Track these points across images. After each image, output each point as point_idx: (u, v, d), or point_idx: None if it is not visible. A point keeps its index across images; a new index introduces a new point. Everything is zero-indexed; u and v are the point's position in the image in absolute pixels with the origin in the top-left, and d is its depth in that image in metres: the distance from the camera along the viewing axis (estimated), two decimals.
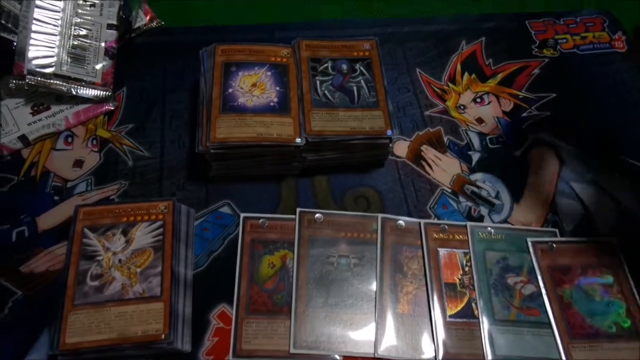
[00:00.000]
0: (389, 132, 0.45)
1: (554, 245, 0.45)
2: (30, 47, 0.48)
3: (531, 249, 0.45)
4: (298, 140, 0.44)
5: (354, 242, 0.44)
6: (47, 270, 0.43)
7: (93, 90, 0.50)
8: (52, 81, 0.48)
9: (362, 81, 0.48)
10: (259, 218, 0.45)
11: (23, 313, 0.41)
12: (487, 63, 0.57)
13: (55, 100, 0.50)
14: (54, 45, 0.49)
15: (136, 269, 0.39)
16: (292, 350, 0.40)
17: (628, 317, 0.42)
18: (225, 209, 0.46)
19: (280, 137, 0.44)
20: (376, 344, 0.40)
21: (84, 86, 0.50)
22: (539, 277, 0.44)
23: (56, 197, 0.46)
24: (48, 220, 0.45)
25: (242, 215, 0.45)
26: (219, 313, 0.41)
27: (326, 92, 0.47)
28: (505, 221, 0.47)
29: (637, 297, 0.43)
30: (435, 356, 0.40)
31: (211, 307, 0.42)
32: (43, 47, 0.49)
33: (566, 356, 0.40)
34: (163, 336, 0.37)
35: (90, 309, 0.38)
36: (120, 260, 0.40)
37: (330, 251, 0.44)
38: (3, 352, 0.39)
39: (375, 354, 0.40)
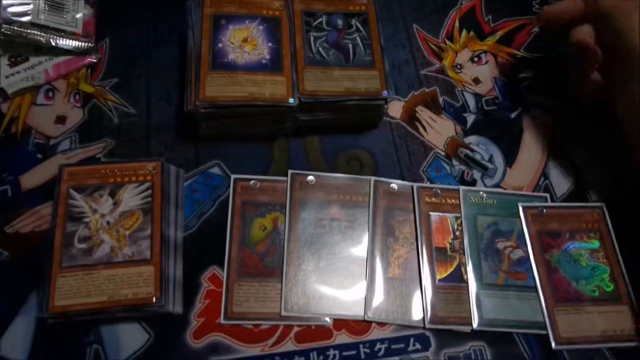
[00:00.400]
0: (384, 93, 0.44)
1: (545, 210, 0.45)
2: None
3: (522, 214, 0.45)
4: (291, 100, 0.43)
5: (346, 205, 0.44)
6: (32, 230, 0.42)
7: (74, 41, 0.47)
8: (29, 31, 0.46)
9: (357, 38, 0.46)
10: (250, 179, 0.44)
11: (10, 274, 0.40)
12: (486, 20, 0.55)
13: (33, 52, 0.47)
14: None
15: (125, 232, 0.39)
16: (283, 313, 0.40)
17: (611, 282, 0.43)
18: (216, 170, 0.45)
19: (273, 97, 0.42)
20: (366, 307, 0.41)
21: (63, 37, 0.47)
22: (528, 242, 0.44)
23: (39, 155, 0.45)
24: (32, 179, 0.44)
25: (233, 176, 0.44)
26: (210, 275, 0.41)
27: (320, 49, 0.45)
28: (497, 185, 0.47)
29: (621, 262, 0.43)
30: (424, 319, 0.41)
31: (202, 270, 0.41)
32: None
33: (550, 319, 0.41)
34: (154, 299, 0.37)
35: (79, 272, 0.37)
36: (108, 223, 0.39)
37: (322, 214, 0.44)
38: None
39: (365, 317, 0.40)
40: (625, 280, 0.43)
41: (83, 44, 0.48)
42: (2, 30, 0.45)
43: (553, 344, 0.40)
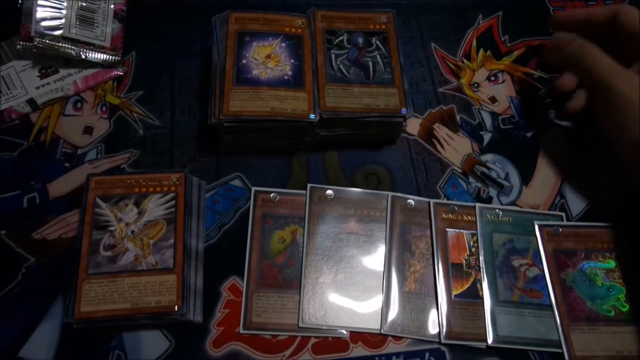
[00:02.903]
0: (403, 110, 0.45)
1: (560, 229, 0.46)
2: (38, 8, 0.47)
3: (537, 232, 0.45)
4: (312, 116, 0.44)
5: (364, 219, 0.45)
6: (59, 237, 0.43)
7: (102, 54, 0.49)
8: (60, 44, 0.47)
9: (377, 56, 0.47)
10: (270, 192, 0.45)
11: (37, 280, 0.41)
12: (502, 39, 0.55)
13: (63, 64, 0.49)
14: (62, 7, 0.48)
15: (149, 241, 0.40)
16: (300, 324, 0.41)
17: (627, 302, 0.43)
18: (237, 182, 0.46)
19: (294, 113, 0.43)
20: (382, 320, 0.41)
21: (92, 50, 0.48)
22: (544, 260, 0.44)
23: (67, 164, 0.46)
24: (59, 187, 0.45)
25: (254, 188, 0.45)
26: (230, 285, 0.42)
27: (341, 66, 0.46)
28: (513, 203, 0.47)
29: (637, 282, 0.44)
30: (439, 334, 0.41)
31: (222, 280, 0.42)
32: (50, 8, 0.47)
33: (565, 338, 0.41)
34: (176, 308, 0.37)
35: (103, 279, 0.38)
36: (133, 232, 0.40)
37: (340, 228, 0.44)
38: (18, 318, 0.40)
39: (381, 330, 0.41)
40: None
41: (111, 57, 0.49)
42: (35, 43, 0.46)
43: None
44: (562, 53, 0.46)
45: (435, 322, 0.41)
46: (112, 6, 0.50)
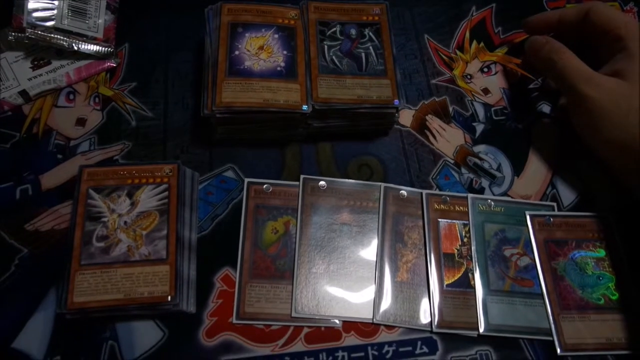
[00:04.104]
0: (396, 101, 0.45)
1: (552, 219, 0.46)
2: None
3: (529, 222, 0.46)
4: (305, 107, 0.44)
5: (357, 210, 0.45)
6: (52, 229, 0.43)
7: (95, 45, 0.49)
8: (53, 35, 0.47)
9: (370, 48, 0.47)
10: (263, 184, 0.45)
11: (30, 271, 0.41)
12: (496, 31, 0.56)
13: (55, 55, 0.49)
14: None
15: (142, 232, 0.40)
16: (293, 314, 0.41)
17: (617, 291, 0.44)
18: (230, 174, 0.46)
19: (287, 104, 0.43)
20: (375, 310, 0.42)
21: (85, 41, 0.48)
22: (535, 250, 0.45)
23: (59, 156, 0.46)
24: (52, 179, 0.45)
25: (247, 180, 0.45)
26: (223, 276, 0.42)
27: (334, 57, 0.46)
28: (505, 194, 0.47)
29: (627, 271, 0.44)
30: (431, 323, 0.41)
31: (215, 271, 0.42)
32: None
33: (555, 326, 0.42)
34: (169, 298, 0.38)
35: (96, 270, 0.38)
36: (125, 223, 0.40)
37: (332, 218, 0.45)
38: (11, 309, 0.40)
39: (374, 320, 0.41)
40: (630, 289, 0.43)
41: (103, 48, 0.49)
42: (27, 34, 0.46)
43: (559, 350, 0.41)
44: (536, 57, 0.47)
45: (427, 311, 0.42)
46: None
